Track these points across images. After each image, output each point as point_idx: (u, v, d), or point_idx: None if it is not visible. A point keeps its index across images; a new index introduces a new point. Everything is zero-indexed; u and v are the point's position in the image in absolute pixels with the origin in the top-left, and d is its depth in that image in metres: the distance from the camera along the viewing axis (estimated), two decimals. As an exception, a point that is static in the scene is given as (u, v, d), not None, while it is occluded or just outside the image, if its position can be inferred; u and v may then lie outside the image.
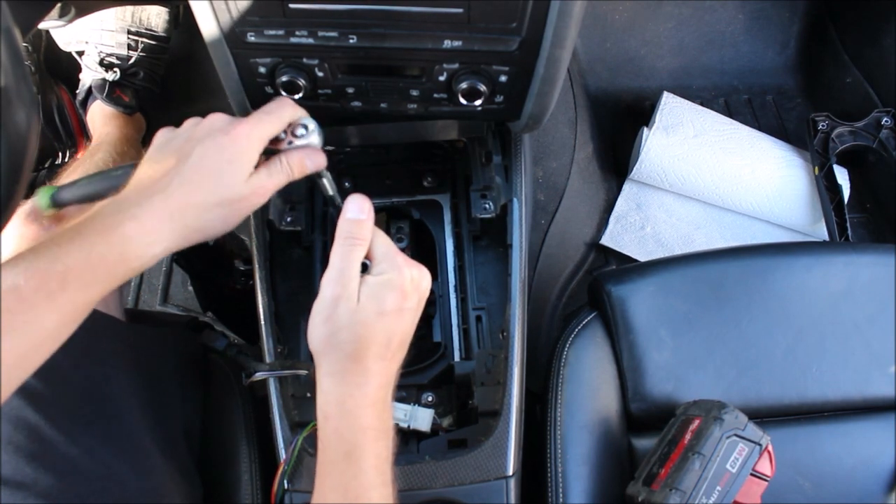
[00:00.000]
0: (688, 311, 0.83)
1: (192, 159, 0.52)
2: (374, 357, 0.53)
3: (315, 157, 0.58)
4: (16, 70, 0.42)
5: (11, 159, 0.44)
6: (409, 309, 0.55)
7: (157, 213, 0.50)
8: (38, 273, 0.46)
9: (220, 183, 0.52)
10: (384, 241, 0.57)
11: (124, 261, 0.49)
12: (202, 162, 0.52)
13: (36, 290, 0.45)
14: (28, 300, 0.45)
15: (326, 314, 0.53)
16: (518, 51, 0.61)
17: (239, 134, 0.53)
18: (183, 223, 0.51)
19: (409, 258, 0.56)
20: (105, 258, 0.48)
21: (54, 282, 0.46)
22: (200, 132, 0.54)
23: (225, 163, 0.52)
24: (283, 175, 0.56)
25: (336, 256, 0.54)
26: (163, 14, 1.13)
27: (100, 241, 0.48)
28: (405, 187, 0.91)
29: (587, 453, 0.76)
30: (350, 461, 0.52)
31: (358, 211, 0.56)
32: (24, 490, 0.57)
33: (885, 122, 1.32)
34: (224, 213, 0.53)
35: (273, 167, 0.56)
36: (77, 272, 0.47)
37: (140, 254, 0.50)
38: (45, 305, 0.46)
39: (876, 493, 0.77)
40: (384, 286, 0.54)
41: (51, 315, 0.46)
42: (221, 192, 0.52)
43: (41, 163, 1.19)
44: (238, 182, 0.53)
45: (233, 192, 0.53)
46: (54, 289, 0.46)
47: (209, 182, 0.52)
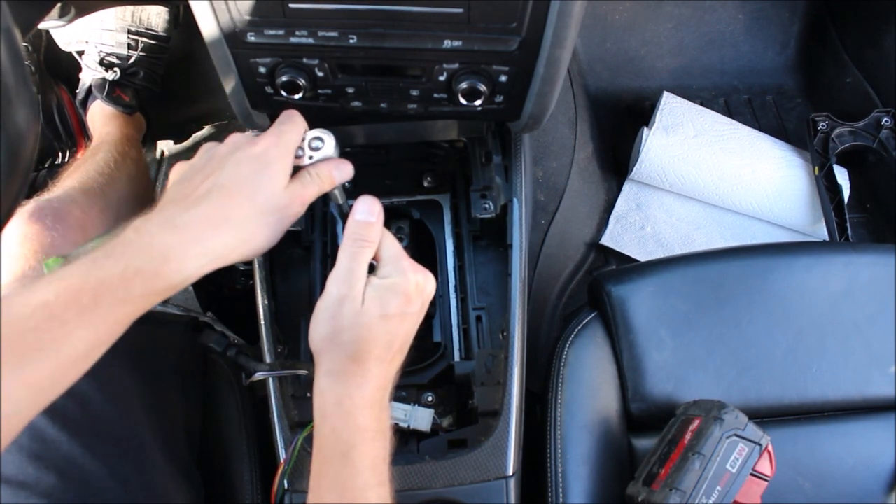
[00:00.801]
0: (688, 311, 0.83)
1: (227, 170, 0.50)
2: (375, 359, 0.53)
3: (343, 167, 0.58)
4: (16, 70, 0.42)
5: (11, 159, 0.44)
6: (412, 313, 0.55)
7: (197, 223, 0.48)
8: (70, 289, 0.44)
9: (260, 191, 0.50)
10: (392, 244, 0.57)
11: (162, 275, 0.46)
12: (238, 172, 0.50)
13: (67, 307, 0.43)
14: (59, 317, 0.43)
15: (330, 313, 0.53)
16: (518, 51, 0.61)
17: (268, 144, 0.52)
18: (226, 233, 0.49)
19: (415, 263, 0.56)
20: (141, 272, 0.46)
21: (86, 297, 0.44)
22: (226, 149, 0.53)
23: (262, 169, 0.51)
24: (315, 186, 0.55)
25: (344, 256, 0.54)
26: (163, 14, 1.13)
27: (136, 255, 0.46)
28: (405, 187, 0.91)
29: (587, 453, 0.76)
30: (347, 461, 0.52)
31: (368, 213, 0.56)
32: (27, 489, 0.57)
33: (885, 122, 1.32)
34: (269, 222, 0.51)
35: (305, 179, 0.55)
36: (110, 288, 0.45)
37: (180, 268, 0.47)
38: (76, 322, 0.43)
39: (876, 493, 0.77)
40: (389, 290, 0.54)
41: (82, 333, 0.44)
42: (264, 201, 0.51)
43: (41, 163, 1.19)
44: (278, 190, 0.52)
45: (275, 200, 0.51)
46: (86, 305, 0.44)
47: (250, 191, 0.50)
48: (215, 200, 0.49)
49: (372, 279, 0.54)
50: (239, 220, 0.49)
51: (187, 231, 0.47)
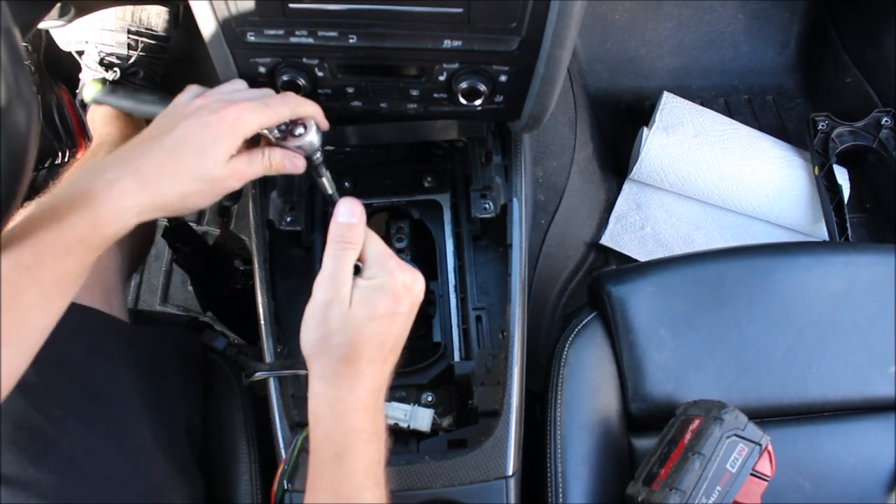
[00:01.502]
0: (688, 311, 0.83)
1: (177, 132, 0.53)
2: (366, 361, 0.53)
3: (296, 160, 0.60)
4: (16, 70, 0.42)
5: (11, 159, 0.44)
6: (401, 313, 0.55)
7: (129, 178, 0.50)
8: (13, 250, 0.46)
9: (198, 158, 0.53)
10: (377, 244, 0.56)
11: (96, 227, 0.49)
12: (185, 136, 0.53)
13: (12, 268, 0.46)
14: (6, 278, 0.45)
15: (319, 318, 0.53)
16: (518, 51, 0.61)
17: (226, 115, 0.54)
18: (156, 188, 0.51)
19: (402, 262, 0.56)
20: (74, 227, 0.48)
21: (28, 256, 0.46)
22: (190, 108, 0.55)
23: (208, 140, 0.53)
24: (261, 167, 0.58)
25: (328, 259, 0.54)
26: (163, 14, 1.13)
27: (70, 211, 0.48)
28: (405, 187, 0.91)
29: (587, 453, 0.76)
30: (341, 463, 0.52)
31: (349, 214, 0.56)
32: (27, 490, 0.57)
33: (885, 122, 1.32)
34: (200, 188, 0.54)
35: (254, 157, 0.57)
36: (49, 244, 0.47)
37: (111, 219, 0.50)
38: (24, 281, 0.46)
39: (876, 493, 0.77)
40: (376, 290, 0.54)
41: (30, 291, 0.47)
42: (199, 168, 0.53)
43: (41, 163, 1.19)
44: (217, 161, 0.54)
45: (210, 169, 0.53)
46: (30, 263, 0.46)
47: (188, 156, 0.52)
48: (152, 158, 0.52)
49: (358, 281, 0.54)
50: (171, 181, 0.52)
51: (118, 184, 0.50)
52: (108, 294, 0.75)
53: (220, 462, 0.76)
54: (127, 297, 0.83)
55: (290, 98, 0.59)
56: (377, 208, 0.90)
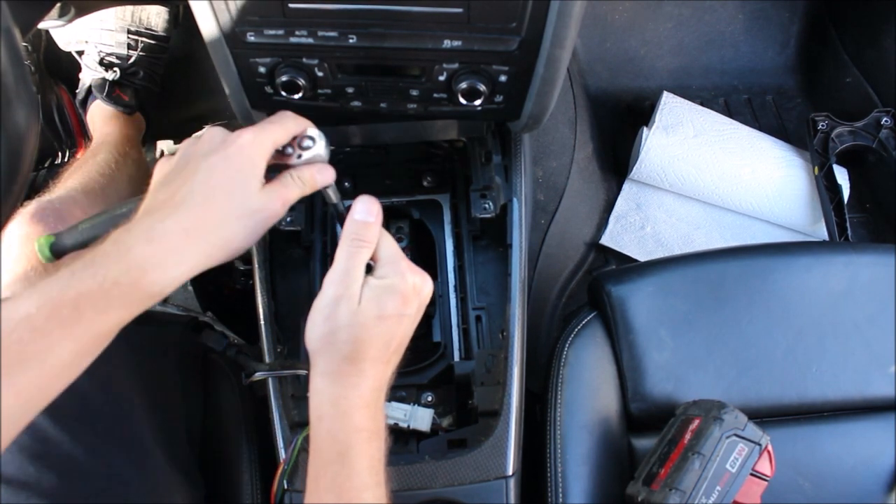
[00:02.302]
0: (688, 311, 0.83)
1: (200, 175, 0.50)
2: (371, 360, 0.53)
3: (325, 171, 0.57)
4: (16, 70, 0.42)
5: (11, 159, 0.44)
6: (409, 315, 0.55)
7: (173, 234, 0.48)
8: (51, 301, 0.44)
9: (233, 195, 0.50)
10: (390, 244, 0.56)
11: (140, 286, 0.47)
12: (211, 176, 0.50)
13: (48, 319, 0.43)
14: (40, 329, 0.43)
15: (327, 313, 0.53)
16: (518, 51, 0.61)
17: (243, 144, 0.51)
18: (203, 241, 0.49)
19: (412, 264, 0.56)
20: (119, 284, 0.46)
21: (67, 309, 0.44)
22: (202, 148, 0.52)
23: (235, 173, 0.50)
24: (296, 189, 0.55)
25: (341, 256, 0.54)
26: (163, 14, 1.13)
27: (113, 267, 0.46)
28: (405, 187, 0.91)
29: (587, 453, 0.76)
30: (344, 462, 0.52)
31: (366, 213, 0.55)
32: (27, 489, 0.57)
33: (884, 122, 1.32)
34: (244, 225, 0.51)
35: (286, 180, 0.55)
36: (90, 299, 0.45)
37: (157, 279, 0.47)
38: (58, 334, 0.44)
39: (876, 493, 0.77)
40: (386, 290, 0.54)
41: (66, 344, 0.44)
42: (237, 205, 0.50)
43: (41, 163, 1.19)
44: (252, 192, 0.51)
45: (249, 203, 0.51)
46: (67, 317, 0.44)
47: (222, 195, 0.50)
48: (189, 209, 0.48)
49: (369, 279, 0.54)
50: (214, 227, 0.49)
51: (163, 242, 0.47)
52: None
53: (220, 462, 0.76)
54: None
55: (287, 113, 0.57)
56: (377, 208, 0.90)
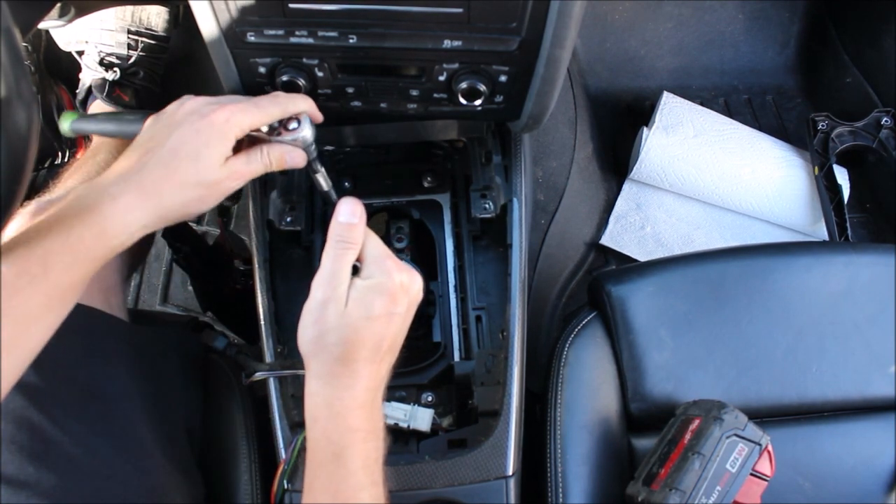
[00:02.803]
0: (688, 311, 0.83)
1: (170, 142, 0.54)
2: (363, 360, 0.53)
3: (295, 154, 0.60)
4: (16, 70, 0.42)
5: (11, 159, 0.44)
6: (398, 313, 0.55)
7: (132, 192, 0.52)
8: (20, 258, 0.47)
9: (194, 165, 0.54)
10: (376, 244, 0.57)
11: (102, 239, 0.51)
12: (178, 145, 0.54)
13: (18, 275, 0.46)
14: (11, 285, 0.46)
15: (315, 316, 0.53)
16: (518, 51, 0.61)
17: (217, 119, 0.54)
18: (158, 201, 0.53)
19: (400, 262, 0.56)
20: (83, 238, 0.50)
21: (35, 266, 0.47)
22: (180, 116, 0.56)
23: (201, 145, 0.54)
24: (260, 165, 0.58)
25: (327, 259, 0.55)
26: (163, 14, 1.13)
27: (77, 223, 0.50)
28: (405, 187, 0.90)
29: (587, 453, 0.76)
30: (338, 463, 0.53)
31: (350, 214, 0.56)
32: (27, 489, 0.57)
33: (885, 122, 1.32)
34: (200, 193, 0.55)
35: (252, 155, 0.58)
36: (57, 254, 0.48)
37: (117, 231, 0.52)
38: (28, 290, 0.47)
39: (876, 493, 0.77)
40: (372, 290, 0.54)
41: (35, 298, 0.48)
42: (196, 174, 0.54)
43: (41, 163, 1.19)
44: (212, 165, 0.54)
45: (207, 174, 0.54)
46: (36, 273, 0.47)
47: (184, 164, 0.53)
48: (150, 172, 0.53)
49: (355, 281, 0.54)
50: (169, 192, 0.53)
51: (122, 198, 0.52)
52: (108, 293, 0.75)
53: (220, 462, 0.76)
54: (127, 297, 0.83)
55: (281, 97, 0.59)
56: (377, 208, 0.90)
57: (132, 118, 0.64)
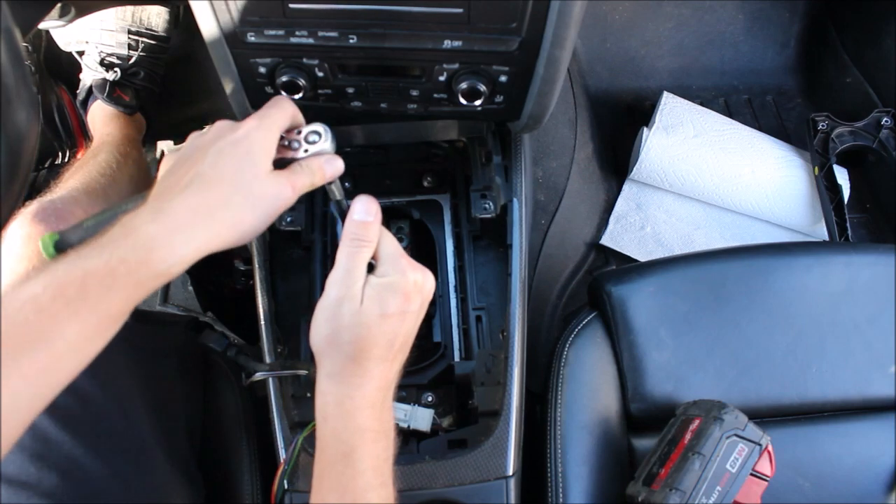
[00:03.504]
0: (688, 312, 0.83)
1: (209, 159, 0.50)
2: (376, 359, 0.53)
3: (334, 163, 0.58)
4: (16, 70, 0.42)
5: (12, 159, 0.44)
6: (411, 312, 0.55)
7: (180, 212, 0.48)
8: (56, 280, 0.43)
9: (241, 176, 0.50)
10: (391, 242, 0.57)
11: (147, 264, 0.46)
12: (219, 159, 0.50)
13: (54, 299, 0.43)
14: (46, 310, 0.42)
15: (329, 314, 0.53)
16: (518, 51, 0.61)
17: (250, 128, 0.52)
18: (210, 219, 0.49)
19: (413, 261, 0.56)
20: (126, 261, 0.45)
21: (73, 289, 0.43)
22: (209, 137, 0.52)
23: (244, 155, 0.51)
24: (306, 176, 0.55)
25: (342, 257, 0.54)
26: (163, 14, 1.13)
27: (121, 245, 0.46)
28: (405, 187, 0.91)
29: (587, 453, 0.76)
30: (348, 462, 0.52)
31: (365, 213, 0.56)
32: (28, 489, 0.57)
33: (885, 122, 1.32)
34: (252, 206, 0.51)
35: (295, 168, 0.55)
36: (97, 278, 0.44)
37: (165, 256, 0.47)
38: (64, 314, 0.43)
39: (876, 493, 0.77)
40: (387, 289, 0.54)
41: (72, 325, 0.43)
42: (244, 186, 0.50)
43: (41, 163, 1.19)
44: (260, 174, 0.51)
45: (257, 185, 0.51)
46: (73, 296, 0.43)
47: (230, 176, 0.50)
48: (197, 190, 0.49)
49: (370, 279, 0.54)
50: (221, 206, 0.49)
51: (170, 220, 0.47)
52: None
53: (220, 462, 0.76)
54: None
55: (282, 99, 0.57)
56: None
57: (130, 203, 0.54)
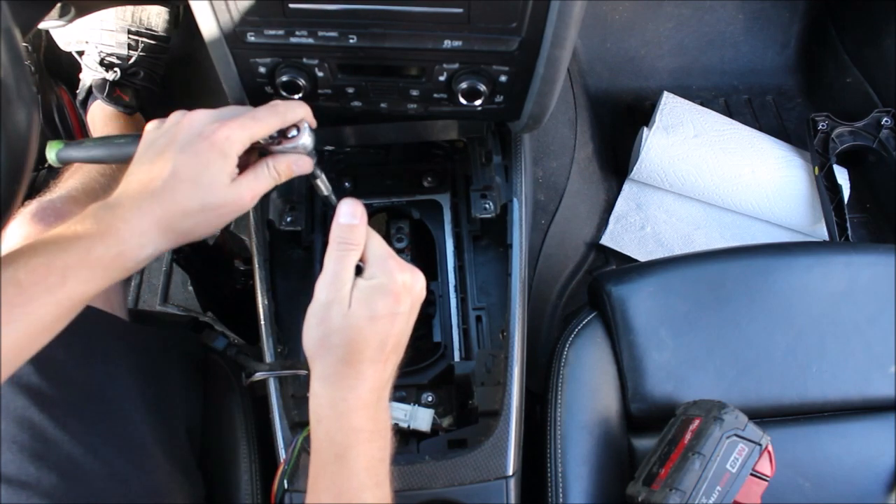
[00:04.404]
0: (688, 311, 0.83)
1: (175, 166, 0.53)
2: (367, 360, 0.53)
3: (302, 161, 0.60)
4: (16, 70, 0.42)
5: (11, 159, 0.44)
6: (401, 313, 0.55)
7: (147, 219, 0.52)
8: (39, 268, 0.48)
9: (199, 190, 0.53)
10: (378, 244, 0.57)
11: (120, 260, 0.52)
12: (183, 170, 0.53)
13: (36, 284, 0.47)
14: (28, 293, 0.47)
15: (319, 318, 0.54)
16: (518, 51, 0.61)
17: (218, 139, 0.54)
18: (169, 227, 0.53)
19: (402, 261, 0.56)
20: (102, 258, 0.51)
21: (55, 277, 0.48)
22: (182, 135, 0.55)
23: (202, 169, 0.53)
24: (269, 179, 0.57)
25: (330, 260, 0.55)
26: (163, 14, 1.13)
27: (98, 242, 0.50)
28: (405, 187, 0.91)
29: (587, 453, 0.76)
30: (342, 463, 0.53)
31: (350, 216, 0.56)
32: (28, 489, 0.57)
33: (885, 122, 1.32)
34: (207, 217, 0.55)
35: (259, 171, 0.57)
36: (76, 269, 0.49)
37: (133, 255, 0.53)
38: (44, 299, 0.48)
39: (876, 493, 0.77)
40: (375, 291, 0.54)
41: (49, 308, 0.48)
42: (202, 198, 0.54)
43: (41, 163, 1.19)
44: (218, 187, 0.54)
45: (214, 197, 0.54)
46: (54, 283, 0.48)
47: (190, 189, 0.53)
48: (161, 198, 0.53)
49: (358, 281, 0.54)
50: (182, 217, 0.54)
51: (138, 225, 0.52)
52: (108, 293, 0.75)
53: (220, 462, 0.76)
54: (126, 297, 0.83)
55: (279, 106, 0.58)
56: (377, 208, 0.90)
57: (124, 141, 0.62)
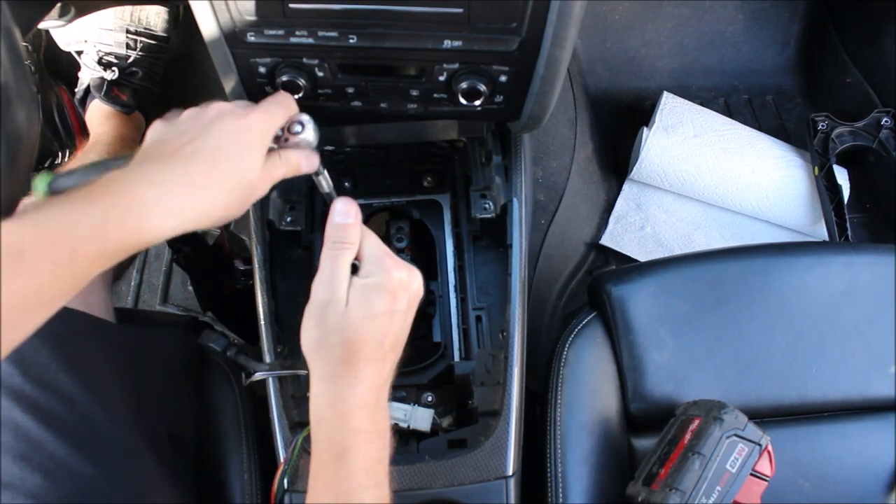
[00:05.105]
0: (688, 311, 0.83)
1: (214, 136, 0.50)
2: (366, 360, 0.53)
3: (311, 158, 0.59)
4: (16, 70, 0.42)
5: (11, 159, 0.44)
6: (399, 311, 0.55)
7: (180, 183, 0.47)
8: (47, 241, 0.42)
9: (241, 164, 0.51)
10: (374, 242, 0.57)
11: (138, 232, 0.45)
12: (224, 140, 0.50)
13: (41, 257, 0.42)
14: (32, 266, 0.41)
15: (316, 318, 0.53)
16: (518, 51, 0.61)
17: (256, 120, 0.53)
18: (202, 197, 0.49)
19: (398, 259, 0.56)
20: (120, 228, 0.44)
21: (64, 252, 0.42)
22: (212, 115, 0.52)
23: (245, 146, 0.52)
24: (283, 168, 0.57)
25: (325, 260, 0.55)
26: (162, 14, 1.13)
27: (113, 209, 0.44)
28: (405, 187, 0.91)
29: (587, 453, 0.76)
30: (341, 463, 0.52)
31: (344, 215, 0.56)
32: (12, 490, 0.57)
33: (885, 122, 1.32)
34: (241, 195, 0.52)
35: (274, 160, 0.56)
36: (88, 244, 0.43)
37: (156, 224, 0.46)
38: (48, 274, 0.42)
39: (876, 493, 0.77)
40: (372, 289, 0.54)
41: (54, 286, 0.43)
42: (241, 174, 0.51)
43: (41, 162, 1.19)
44: (255, 167, 0.52)
45: (251, 175, 0.52)
46: (62, 260, 0.42)
47: (231, 162, 0.50)
48: (198, 163, 0.49)
49: (354, 280, 0.54)
50: (216, 188, 0.49)
51: (166, 188, 0.47)
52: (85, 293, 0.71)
53: (219, 462, 0.76)
54: (111, 296, 0.82)
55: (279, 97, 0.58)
56: (377, 208, 0.90)
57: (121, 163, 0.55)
